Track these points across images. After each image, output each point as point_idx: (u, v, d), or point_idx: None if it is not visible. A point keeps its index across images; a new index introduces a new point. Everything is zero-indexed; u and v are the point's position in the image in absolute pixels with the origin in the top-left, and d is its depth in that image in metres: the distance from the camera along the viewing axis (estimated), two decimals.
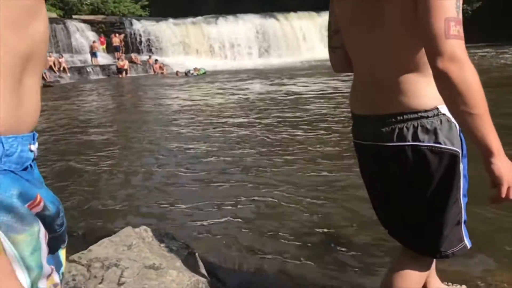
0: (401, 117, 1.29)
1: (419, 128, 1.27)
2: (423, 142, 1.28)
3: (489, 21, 26.46)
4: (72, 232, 3.00)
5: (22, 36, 0.66)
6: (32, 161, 0.71)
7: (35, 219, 0.67)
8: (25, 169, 0.68)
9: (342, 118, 6.69)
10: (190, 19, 26.20)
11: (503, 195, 1.15)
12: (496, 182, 1.14)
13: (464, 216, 1.37)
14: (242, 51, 26.20)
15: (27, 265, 0.63)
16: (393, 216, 1.50)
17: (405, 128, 1.29)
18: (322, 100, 8.82)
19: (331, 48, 1.56)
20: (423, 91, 1.27)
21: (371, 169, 1.50)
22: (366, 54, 1.37)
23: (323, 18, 28.60)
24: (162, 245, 2.19)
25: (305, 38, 27.84)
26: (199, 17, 26.64)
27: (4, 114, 0.62)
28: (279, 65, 21.84)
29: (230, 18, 26.75)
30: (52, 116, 9.08)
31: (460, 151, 1.29)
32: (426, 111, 1.27)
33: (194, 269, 2.07)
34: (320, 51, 27.23)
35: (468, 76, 1.08)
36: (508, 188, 1.14)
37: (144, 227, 2.30)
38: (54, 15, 24.34)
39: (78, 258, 2.06)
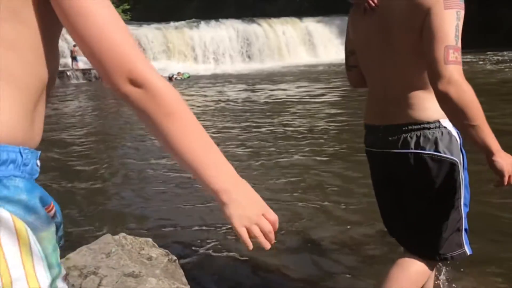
0: (406, 127, 1.47)
1: (422, 137, 1.45)
2: (424, 150, 1.44)
3: (464, 27, 26.92)
4: None
5: (47, 64, 0.76)
6: None
7: (52, 221, 0.73)
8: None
9: (321, 125, 6.74)
10: (172, 24, 26.08)
11: (505, 183, 1.36)
12: (498, 175, 1.34)
13: (465, 224, 1.52)
14: (225, 56, 26.18)
15: (49, 263, 0.67)
16: (399, 220, 1.63)
17: (409, 137, 1.47)
18: (302, 106, 8.88)
19: (348, 66, 1.77)
20: (426, 105, 1.44)
21: (380, 175, 1.66)
22: (378, 73, 1.56)
23: (305, 24, 28.82)
24: (142, 252, 2.16)
25: (288, 43, 27.97)
26: (182, 22, 26.52)
27: (23, 128, 0.70)
28: (262, 70, 21.89)
29: (212, 23, 26.73)
30: None
31: (461, 162, 1.45)
32: (428, 122, 1.44)
33: (174, 276, 2.05)
34: (302, 57, 27.42)
35: (465, 95, 1.27)
36: (509, 176, 1.35)
37: (124, 234, 2.27)
38: None
39: None
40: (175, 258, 2.16)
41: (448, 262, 1.56)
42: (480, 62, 17.00)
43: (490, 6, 25.97)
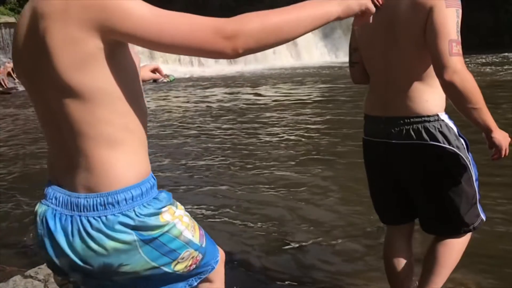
0: (408, 120, 1.60)
1: (423, 130, 1.58)
2: (426, 141, 1.58)
3: None
4: (29, 246, 2.89)
5: (144, 107, 1.04)
6: None
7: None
8: None
9: (304, 127, 6.77)
10: None
11: (502, 156, 1.57)
12: (497, 149, 1.55)
13: (478, 196, 1.68)
14: (209, 58, 26.08)
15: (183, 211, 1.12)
16: (400, 206, 1.77)
17: (411, 129, 1.60)
18: (285, 108, 8.92)
19: (351, 63, 1.86)
20: (426, 98, 1.59)
21: (380, 164, 1.76)
22: (382, 68, 1.67)
23: None
24: None
25: None
26: None
27: (147, 161, 1.05)
28: (246, 72, 21.93)
29: None
30: (9, 125, 8.77)
31: (463, 147, 1.61)
32: (428, 116, 1.58)
33: None
34: (286, 60, 27.52)
35: (468, 83, 1.43)
36: (505, 150, 1.56)
37: None
38: (12, 19, 23.53)
39: (35, 273, 1.99)
40: None
41: (471, 232, 1.71)
42: (470, 65, 17.26)
43: (469, 9, 26.43)
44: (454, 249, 1.71)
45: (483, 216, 1.72)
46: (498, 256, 2.49)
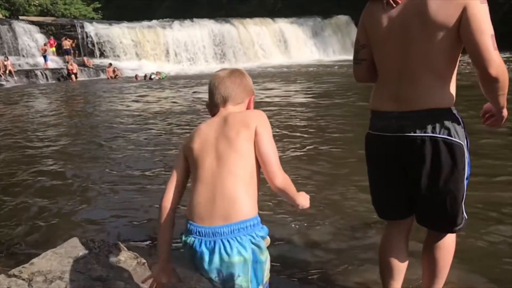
0: (422, 113, 1.62)
1: (437, 123, 1.61)
2: (439, 134, 1.61)
3: None
4: (13, 244, 2.85)
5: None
6: None
7: None
8: None
9: (293, 125, 6.78)
10: (145, 23, 25.74)
11: (502, 123, 1.69)
12: (501, 119, 1.67)
13: (465, 194, 1.72)
14: (198, 56, 26.03)
15: None
16: (404, 202, 1.78)
17: (425, 123, 1.62)
18: (275, 107, 8.91)
19: (358, 60, 1.84)
20: (440, 92, 1.61)
21: (390, 157, 1.74)
22: (397, 62, 1.67)
23: (278, 24, 28.98)
24: (110, 255, 2.12)
25: (261, 44, 28.03)
26: (154, 21, 26.22)
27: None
28: None
29: (186, 22, 26.54)
30: None
31: (465, 143, 1.65)
32: (442, 110, 1.61)
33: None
34: (276, 57, 27.53)
35: (506, 75, 1.50)
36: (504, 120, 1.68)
37: (91, 237, 2.23)
38: None
39: (19, 272, 1.96)
40: (144, 261, 2.13)
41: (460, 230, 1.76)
42: (463, 65, 17.38)
43: None
44: (449, 251, 1.80)
45: (465, 215, 1.73)
46: (479, 253, 2.51)
